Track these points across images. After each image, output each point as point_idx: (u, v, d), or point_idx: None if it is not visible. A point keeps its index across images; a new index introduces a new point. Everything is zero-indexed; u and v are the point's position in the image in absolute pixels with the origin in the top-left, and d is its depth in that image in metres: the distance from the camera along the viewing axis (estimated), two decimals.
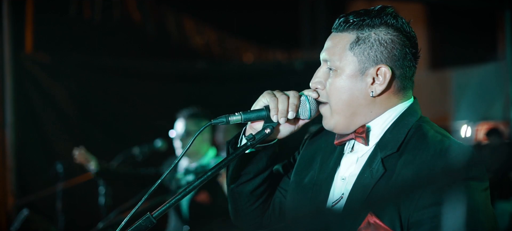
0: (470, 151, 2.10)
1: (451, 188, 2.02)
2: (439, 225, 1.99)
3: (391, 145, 2.18)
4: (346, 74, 2.24)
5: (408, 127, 2.21)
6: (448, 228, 1.98)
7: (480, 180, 2.06)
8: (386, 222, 2.07)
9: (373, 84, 2.22)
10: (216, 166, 2.28)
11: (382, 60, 2.22)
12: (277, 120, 2.31)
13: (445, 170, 2.03)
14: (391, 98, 2.25)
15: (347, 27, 2.26)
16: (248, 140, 2.29)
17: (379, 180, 2.14)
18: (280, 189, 2.55)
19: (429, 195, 2.02)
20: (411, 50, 2.25)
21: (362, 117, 2.26)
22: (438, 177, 2.03)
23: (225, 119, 2.31)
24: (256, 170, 2.43)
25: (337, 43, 2.27)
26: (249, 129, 2.41)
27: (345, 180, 2.27)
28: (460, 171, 2.04)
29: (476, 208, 2.03)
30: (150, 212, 2.16)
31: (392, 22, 2.23)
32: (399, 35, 2.23)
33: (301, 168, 2.48)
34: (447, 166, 2.04)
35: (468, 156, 2.09)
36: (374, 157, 2.20)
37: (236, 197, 2.52)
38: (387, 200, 2.10)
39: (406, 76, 2.26)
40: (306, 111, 2.34)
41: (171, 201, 2.19)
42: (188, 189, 2.23)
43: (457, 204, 2.00)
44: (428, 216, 2.01)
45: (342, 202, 2.23)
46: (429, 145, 2.11)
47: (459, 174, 2.04)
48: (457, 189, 2.02)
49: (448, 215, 1.99)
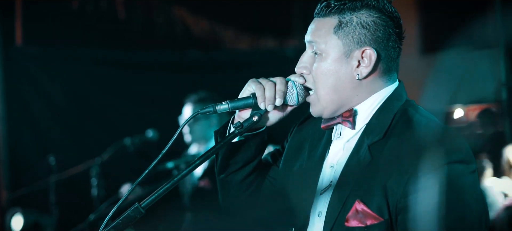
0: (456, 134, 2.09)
1: (438, 172, 2.01)
2: (427, 209, 1.99)
3: (377, 131, 2.17)
4: (332, 57, 2.22)
5: (394, 111, 2.20)
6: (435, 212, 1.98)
7: (467, 163, 2.06)
8: (374, 209, 2.07)
9: (359, 67, 2.21)
10: (204, 155, 2.26)
11: (366, 42, 2.20)
12: (265, 107, 2.30)
13: (431, 154, 2.02)
14: (377, 81, 2.24)
15: (328, 12, 2.24)
16: (236, 128, 2.28)
17: (366, 167, 2.13)
18: (269, 177, 2.53)
19: (416, 180, 2.02)
20: (394, 31, 2.23)
21: (348, 100, 2.24)
22: (424, 162, 2.02)
23: (212, 108, 2.30)
24: (245, 158, 2.42)
25: (321, 27, 2.25)
26: (237, 118, 2.39)
27: (333, 168, 2.26)
28: (446, 155, 2.03)
29: (463, 191, 2.03)
30: (138, 202, 2.14)
31: (373, 3, 2.21)
32: (381, 16, 2.21)
33: (289, 156, 2.47)
34: (433, 150, 2.03)
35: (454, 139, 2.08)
36: (361, 144, 2.19)
37: (226, 186, 2.51)
38: (375, 187, 2.09)
39: (391, 57, 2.25)
40: (293, 97, 2.32)
41: (159, 191, 2.17)
42: (176, 178, 2.21)
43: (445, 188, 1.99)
44: (416, 201, 2.00)
45: (330, 189, 2.22)
46: (415, 129, 2.11)
47: (446, 158, 2.03)
48: (444, 173, 2.01)
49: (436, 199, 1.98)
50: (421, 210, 1.99)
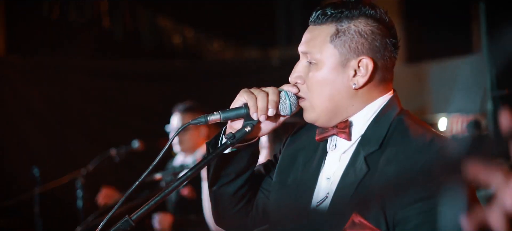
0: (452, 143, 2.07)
1: (435, 182, 1.99)
2: (425, 220, 1.96)
3: (373, 141, 2.14)
4: (327, 67, 2.19)
5: (389, 121, 2.18)
6: (434, 223, 1.96)
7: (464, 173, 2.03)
8: (371, 221, 2.04)
9: (355, 77, 2.18)
10: (195, 166, 2.23)
11: (363, 51, 2.17)
12: (257, 117, 2.26)
13: (428, 165, 2.00)
14: (372, 90, 2.21)
15: (325, 20, 2.21)
16: (228, 139, 2.24)
17: (362, 179, 2.09)
18: (263, 189, 2.49)
19: (414, 190, 1.99)
20: (391, 41, 2.21)
21: (343, 110, 2.21)
22: (422, 172, 2.00)
23: (204, 119, 2.26)
24: (237, 169, 2.38)
25: (317, 36, 2.22)
26: (229, 128, 2.35)
27: (330, 180, 2.23)
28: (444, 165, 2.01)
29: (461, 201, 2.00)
30: (128, 215, 2.11)
31: (371, 13, 2.19)
32: (379, 26, 2.19)
33: (283, 167, 2.43)
34: (430, 160, 2.01)
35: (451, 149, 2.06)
36: (357, 155, 2.15)
37: (218, 199, 2.47)
38: (372, 198, 2.06)
39: (387, 67, 2.22)
40: (286, 108, 2.29)
41: (150, 203, 2.14)
42: (167, 191, 2.18)
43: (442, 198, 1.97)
44: (414, 213, 1.98)
45: (326, 202, 2.19)
46: (411, 140, 2.08)
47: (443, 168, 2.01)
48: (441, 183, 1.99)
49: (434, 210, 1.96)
50: (419, 221, 1.97)
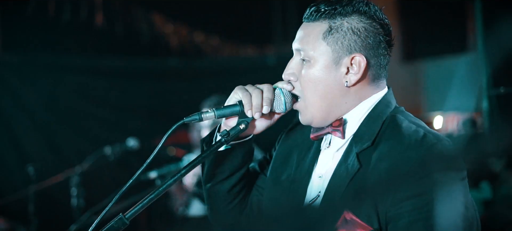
0: (445, 140, 2.06)
1: (428, 179, 1.98)
2: (417, 217, 1.96)
3: (366, 138, 2.14)
4: (320, 64, 2.18)
5: (383, 118, 2.17)
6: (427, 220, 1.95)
7: (457, 170, 2.03)
8: (363, 218, 2.03)
9: (348, 74, 2.17)
10: (189, 164, 2.21)
11: (356, 49, 2.16)
12: (252, 115, 2.26)
13: (421, 161, 1.99)
14: (365, 88, 2.20)
15: (318, 17, 2.20)
16: (223, 137, 2.23)
17: (354, 175, 2.09)
18: (257, 187, 2.49)
19: (406, 188, 1.98)
20: (385, 38, 2.20)
21: (337, 108, 2.20)
22: (414, 169, 1.99)
23: (198, 116, 2.24)
24: (232, 167, 2.37)
25: (310, 33, 2.21)
26: (224, 126, 2.34)
27: (322, 178, 2.22)
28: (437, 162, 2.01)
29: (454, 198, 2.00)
30: (122, 213, 2.09)
31: (365, 9, 2.18)
32: (372, 23, 2.18)
33: (277, 165, 2.43)
34: (423, 157, 2.00)
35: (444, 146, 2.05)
36: (349, 152, 2.15)
37: (213, 196, 2.46)
38: (363, 196, 2.06)
39: (381, 65, 2.21)
40: (281, 105, 2.28)
41: (144, 201, 2.13)
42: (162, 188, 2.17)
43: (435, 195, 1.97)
44: (406, 210, 1.97)
45: (318, 200, 2.18)
46: (404, 136, 2.07)
47: (436, 165, 2.00)
48: (434, 180, 1.98)
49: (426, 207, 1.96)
50: (412, 218, 1.96)
